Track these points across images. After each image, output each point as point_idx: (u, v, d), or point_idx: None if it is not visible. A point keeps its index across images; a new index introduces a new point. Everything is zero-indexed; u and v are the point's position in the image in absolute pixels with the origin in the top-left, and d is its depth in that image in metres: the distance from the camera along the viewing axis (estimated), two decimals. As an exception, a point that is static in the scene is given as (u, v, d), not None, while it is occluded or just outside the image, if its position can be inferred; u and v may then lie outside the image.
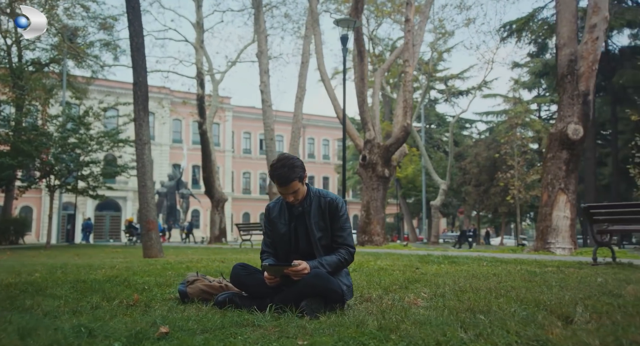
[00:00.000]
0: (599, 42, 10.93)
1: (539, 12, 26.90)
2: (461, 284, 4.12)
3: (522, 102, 31.68)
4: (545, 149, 11.47)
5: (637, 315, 2.65)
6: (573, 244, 10.47)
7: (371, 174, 14.83)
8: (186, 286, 3.46)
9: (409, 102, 14.63)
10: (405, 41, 15.00)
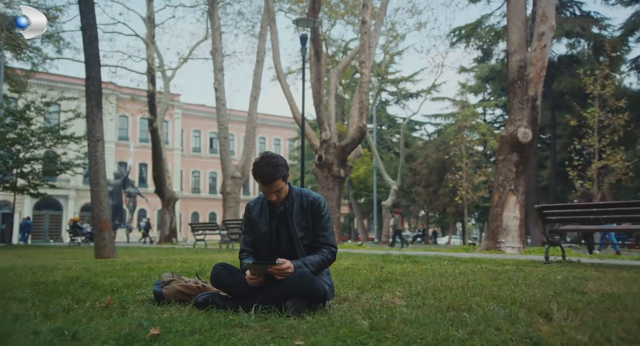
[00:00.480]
0: (546, 49, 11.44)
1: (487, 19, 27.90)
2: (433, 283, 4.20)
3: (468, 105, 32.67)
4: (496, 152, 11.89)
5: (610, 311, 2.80)
6: (522, 243, 10.91)
7: (327, 174, 14.91)
8: (161, 286, 3.36)
9: (364, 103, 14.80)
10: (361, 43, 15.17)
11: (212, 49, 19.37)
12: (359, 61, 15.60)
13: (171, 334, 2.30)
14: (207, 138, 53.35)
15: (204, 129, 52.97)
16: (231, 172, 18.10)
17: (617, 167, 18.82)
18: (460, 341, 2.11)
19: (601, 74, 19.95)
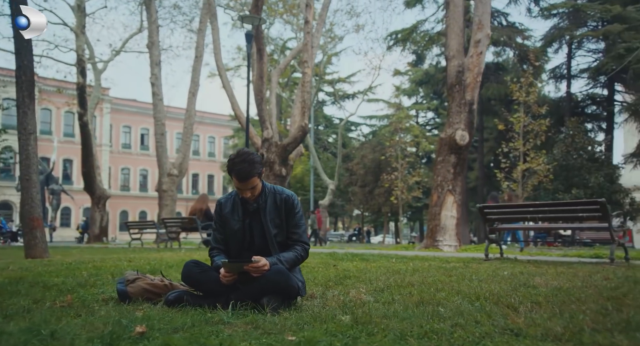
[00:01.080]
0: (482, 56, 12.00)
1: (422, 24, 28.85)
2: (392, 279, 4.31)
3: (402, 108, 33.60)
4: (435, 153, 12.32)
5: (568, 303, 3.00)
6: (458, 241, 11.38)
7: (268, 172, 14.84)
8: (126, 285, 3.24)
9: (307, 103, 14.87)
10: (304, 42, 15.22)
11: (149, 42, 18.73)
12: (301, 61, 15.64)
13: (156, 332, 2.24)
14: (138, 134, 51.49)
15: (134, 125, 51.09)
16: (168, 169, 17.59)
17: (539, 169, 20.04)
18: (447, 333, 2.19)
19: (526, 82, 21.17)
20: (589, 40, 29.99)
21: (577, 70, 30.77)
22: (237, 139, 41.71)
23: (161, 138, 17.79)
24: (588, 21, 29.33)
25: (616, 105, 30.18)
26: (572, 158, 24.43)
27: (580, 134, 25.79)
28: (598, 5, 26.67)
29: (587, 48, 30.83)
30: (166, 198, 17.48)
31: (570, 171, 24.01)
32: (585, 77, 30.51)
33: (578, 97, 30.59)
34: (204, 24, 19.02)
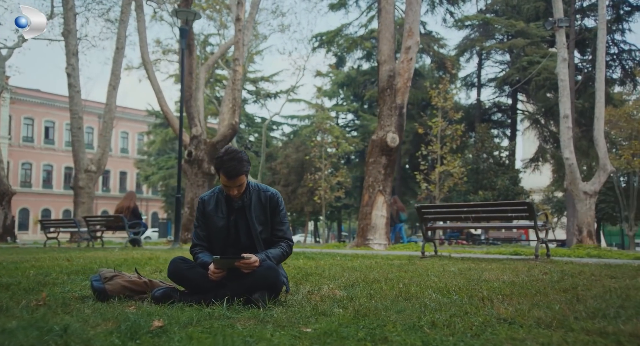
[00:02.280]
0: (412, 62, 12.54)
1: (346, 27, 29.49)
2: (355, 276, 4.45)
3: (324, 109, 34.08)
4: (367, 155, 12.69)
5: (532, 295, 3.29)
6: (387, 240, 11.82)
7: (197, 170, 14.52)
8: (103, 283, 3.12)
9: (237, 101, 14.72)
10: (235, 40, 15.05)
11: (65, 30, 17.58)
12: (232, 58, 15.44)
13: (174, 325, 2.22)
14: (42, 127, 48.03)
15: (37, 117, 47.61)
16: (85, 165, 16.63)
17: (454, 172, 21.25)
18: (449, 323, 2.34)
19: (444, 88, 22.36)
20: (497, 52, 32.24)
21: (486, 79, 32.97)
22: (154, 135, 40.17)
23: (78, 132, 16.78)
24: (496, 34, 31.52)
25: (519, 113, 32.69)
26: (482, 162, 26.18)
27: (489, 139, 27.70)
28: (504, 20, 28.72)
29: (494, 59, 33.15)
30: (83, 195, 16.52)
31: (480, 174, 25.72)
32: (493, 86, 32.76)
33: (486, 104, 32.76)
34: (126, 14, 18.18)
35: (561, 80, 15.47)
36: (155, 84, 15.78)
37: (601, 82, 15.65)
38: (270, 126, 36.46)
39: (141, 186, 49.95)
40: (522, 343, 2.00)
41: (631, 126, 27.14)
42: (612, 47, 28.02)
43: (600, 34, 16.03)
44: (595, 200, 15.28)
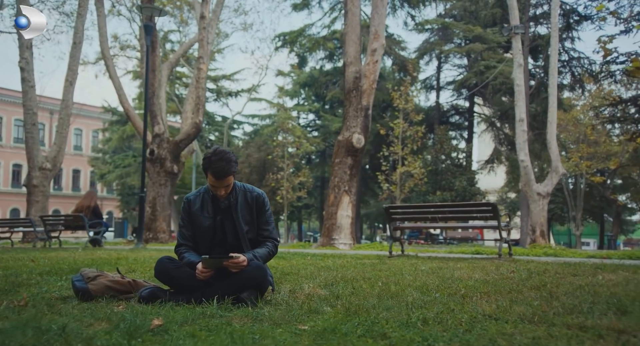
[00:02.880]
0: (378, 64, 12.74)
1: (309, 28, 29.58)
2: (333, 275, 4.52)
3: (285, 109, 34.06)
4: (332, 155, 12.80)
5: (506, 293, 3.45)
6: (352, 240, 11.96)
7: (159, 169, 14.27)
8: (86, 282, 3.08)
9: (201, 99, 14.55)
10: (200, 38, 14.87)
11: (19, 21, 16.89)
12: (197, 56, 15.25)
13: (173, 324, 2.24)
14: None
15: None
16: (40, 163, 16.05)
17: (415, 173, 21.67)
18: (440, 320, 2.45)
19: (405, 91, 22.77)
20: (455, 56, 33.07)
21: (445, 82, 33.78)
22: (110, 133, 39.07)
23: (32, 128, 16.16)
24: (454, 38, 32.34)
25: (475, 116, 33.64)
26: (440, 163, 26.81)
27: (447, 141, 28.39)
28: (463, 25, 29.50)
29: (453, 63, 34.01)
30: (37, 194, 15.92)
31: (439, 175, 26.34)
32: (451, 89, 33.60)
33: (445, 107, 33.55)
34: (84, 8, 17.63)
35: (517, 85, 16.05)
36: (116, 80, 15.40)
37: (554, 88, 16.33)
38: (231, 125, 36.11)
39: (95, 184, 48.47)
40: (512, 337, 2.11)
41: (579, 130, 28.43)
42: (563, 54, 29.20)
43: (553, 41, 16.72)
44: (547, 201, 15.94)
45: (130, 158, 37.13)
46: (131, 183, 36.20)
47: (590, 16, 27.94)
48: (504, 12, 27.75)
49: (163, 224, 14.18)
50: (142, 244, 10.58)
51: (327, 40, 29.54)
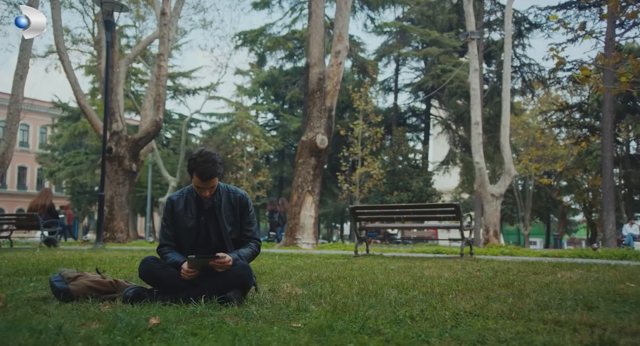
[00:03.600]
0: (341, 66, 12.87)
1: (270, 27, 29.49)
2: (308, 274, 4.60)
3: (244, 108, 33.84)
4: (296, 155, 12.85)
5: (478, 290, 3.62)
6: (315, 240, 12.06)
7: (117, 167, 13.92)
8: (67, 283, 3.03)
9: (162, 97, 14.30)
10: (160, 35, 14.60)
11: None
12: (157, 53, 14.96)
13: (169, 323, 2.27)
14: None
15: None
16: (-13, 160, 15.31)
17: (374, 173, 22.00)
18: (426, 317, 2.56)
19: (365, 92, 23.08)
20: (413, 59, 33.78)
21: (402, 84, 34.44)
22: (60, 129, 37.66)
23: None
24: (412, 42, 33.01)
25: (432, 118, 34.46)
26: (398, 164, 27.32)
27: (404, 142, 28.96)
28: (420, 28, 30.17)
29: (410, 65, 34.71)
30: (-15, 193, 15.21)
31: (396, 176, 26.83)
32: (409, 92, 34.29)
33: (402, 109, 34.19)
34: (36, 1, 16.98)
35: (473, 89, 16.57)
36: (72, 76, 14.89)
37: (507, 92, 16.94)
38: (188, 123, 35.54)
39: (43, 182, 46.63)
40: (496, 332, 2.25)
41: (528, 133, 29.63)
42: (515, 60, 30.34)
43: (507, 48, 17.36)
44: (501, 202, 16.55)
45: (82, 156, 35.93)
46: (83, 181, 35.04)
47: (540, 24, 29.22)
48: (460, 17, 28.58)
49: (121, 224, 13.84)
50: (102, 245, 10.32)
51: (287, 40, 29.55)
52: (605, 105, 21.43)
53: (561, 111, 29.23)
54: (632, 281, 4.12)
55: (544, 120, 30.44)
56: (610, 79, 16.58)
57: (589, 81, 9.68)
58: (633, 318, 2.51)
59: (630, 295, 3.30)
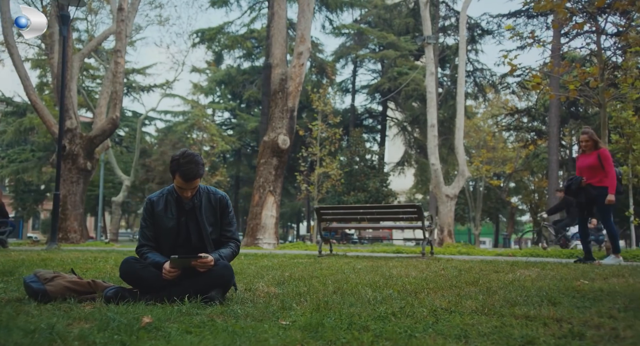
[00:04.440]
0: (303, 67, 12.97)
1: (228, 26, 29.21)
2: (280, 274, 4.66)
3: (199, 106, 33.38)
4: (258, 156, 12.85)
5: (448, 288, 3.79)
6: (276, 240, 12.10)
7: (71, 166, 13.48)
8: (43, 283, 2.99)
9: (119, 94, 13.95)
10: (117, 31, 14.24)
11: None
12: (114, 50, 14.59)
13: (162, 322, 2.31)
14: None
15: None
16: None
17: (332, 174, 22.20)
18: (407, 314, 2.69)
19: (324, 93, 23.24)
20: (370, 61, 34.25)
21: (360, 86, 34.87)
22: (4, 125, 35.96)
23: None
24: (369, 44, 33.48)
25: (388, 120, 35.05)
26: (355, 165, 27.66)
27: (361, 143, 29.34)
28: (377, 31, 30.64)
29: (367, 67, 35.20)
30: None
31: (353, 176, 27.15)
32: (365, 93, 34.75)
33: (359, 110, 34.61)
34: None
35: (429, 92, 17.03)
36: (22, 70, 14.29)
37: (461, 96, 17.50)
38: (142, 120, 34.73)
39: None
40: (475, 327, 2.39)
41: (479, 136, 30.64)
42: (468, 65, 31.28)
43: (461, 53, 17.92)
44: (455, 202, 17.08)
45: (28, 153, 34.43)
46: (28, 179, 33.64)
47: (492, 31, 30.25)
48: (416, 22, 29.20)
49: (74, 223, 13.41)
50: (57, 245, 9.99)
51: (245, 39, 29.37)
52: (552, 110, 22.45)
53: (511, 115, 30.35)
54: (585, 278, 4.41)
55: (495, 124, 31.54)
56: (556, 86, 17.40)
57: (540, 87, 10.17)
58: (594, 312, 2.72)
59: (586, 291, 3.54)
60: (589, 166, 6.76)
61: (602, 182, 6.69)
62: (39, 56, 29.74)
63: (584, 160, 6.86)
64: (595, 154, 6.76)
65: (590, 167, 6.75)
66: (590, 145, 6.82)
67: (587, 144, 6.84)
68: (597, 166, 6.70)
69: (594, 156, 6.76)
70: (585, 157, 6.89)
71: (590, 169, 6.75)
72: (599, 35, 9.66)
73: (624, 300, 3.13)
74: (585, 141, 6.85)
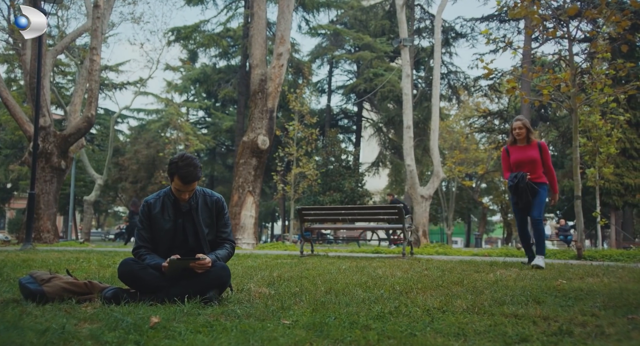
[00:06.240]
0: (283, 68, 13.02)
1: (204, 24, 28.97)
2: (267, 274, 4.72)
3: (174, 104, 33.03)
4: (237, 156, 12.82)
5: (436, 288, 3.92)
6: (255, 240, 12.11)
7: (44, 164, 13.21)
8: (40, 285, 2.99)
9: (95, 92, 13.73)
10: (93, 28, 14.01)
11: None
12: (90, 47, 14.34)
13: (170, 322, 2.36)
14: None
15: None
16: None
17: (309, 174, 22.26)
18: (401, 313, 2.79)
19: (300, 93, 23.27)
20: (346, 62, 34.43)
21: (335, 86, 35.02)
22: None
23: None
24: (345, 45, 33.66)
25: (364, 121, 35.31)
26: (331, 165, 27.81)
27: (337, 143, 29.50)
28: (353, 32, 30.84)
29: (343, 68, 35.37)
30: None
31: (329, 176, 27.28)
32: (341, 94, 34.92)
33: (335, 110, 34.77)
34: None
35: (405, 94, 17.26)
36: (-6, 66, 13.95)
37: (436, 98, 17.79)
38: (115, 118, 34.17)
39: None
40: (469, 325, 2.50)
41: (453, 137, 31.17)
42: (442, 67, 31.76)
43: (436, 55, 18.22)
44: (430, 203, 17.35)
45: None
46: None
47: (465, 34, 30.81)
48: (392, 24, 29.52)
49: (48, 223, 13.15)
50: (32, 245, 9.79)
51: (221, 38, 29.17)
52: (523, 113, 22.97)
53: (483, 118, 30.96)
54: (563, 278, 4.60)
55: (467, 125, 32.12)
56: (527, 90, 17.87)
57: (514, 91, 10.48)
58: (577, 311, 2.87)
59: (567, 290, 3.72)
60: (531, 160, 6.07)
61: (541, 178, 6.09)
62: (6, 50, 28.96)
63: (523, 153, 6.14)
64: (535, 146, 6.13)
65: (532, 162, 6.07)
66: (524, 134, 6.13)
67: (520, 133, 6.11)
68: (539, 161, 6.07)
69: (534, 148, 6.12)
70: (522, 149, 6.17)
71: (531, 164, 6.07)
72: (570, 42, 9.98)
73: (602, 298, 3.30)
74: (519, 129, 6.12)
